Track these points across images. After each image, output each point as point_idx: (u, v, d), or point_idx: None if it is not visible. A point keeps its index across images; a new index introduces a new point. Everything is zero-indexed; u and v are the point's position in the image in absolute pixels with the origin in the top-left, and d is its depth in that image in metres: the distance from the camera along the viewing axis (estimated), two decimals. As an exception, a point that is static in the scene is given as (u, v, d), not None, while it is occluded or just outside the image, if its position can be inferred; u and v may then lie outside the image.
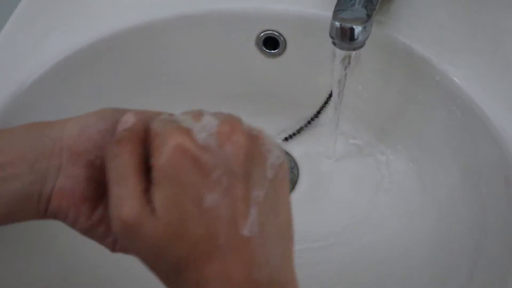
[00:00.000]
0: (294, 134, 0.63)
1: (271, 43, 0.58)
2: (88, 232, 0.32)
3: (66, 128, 0.31)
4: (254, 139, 0.29)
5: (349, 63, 0.48)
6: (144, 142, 0.29)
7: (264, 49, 0.59)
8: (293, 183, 0.61)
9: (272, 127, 0.64)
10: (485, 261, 0.45)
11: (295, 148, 0.63)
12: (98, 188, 0.32)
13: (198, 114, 0.29)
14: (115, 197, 0.27)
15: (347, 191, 0.59)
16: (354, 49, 0.46)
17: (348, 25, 0.44)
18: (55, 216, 0.32)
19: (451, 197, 0.52)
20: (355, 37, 0.44)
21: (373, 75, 0.56)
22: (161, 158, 0.27)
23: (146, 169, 0.28)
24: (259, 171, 0.28)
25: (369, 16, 0.45)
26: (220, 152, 0.27)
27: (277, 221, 0.29)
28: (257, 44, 0.59)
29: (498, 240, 0.45)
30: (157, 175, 0.27)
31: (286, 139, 0.63)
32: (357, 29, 0.44)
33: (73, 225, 0.32)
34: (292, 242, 0.30)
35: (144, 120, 0.30)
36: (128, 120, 0.30)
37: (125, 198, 0.27)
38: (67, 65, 0.53)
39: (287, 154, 0.63)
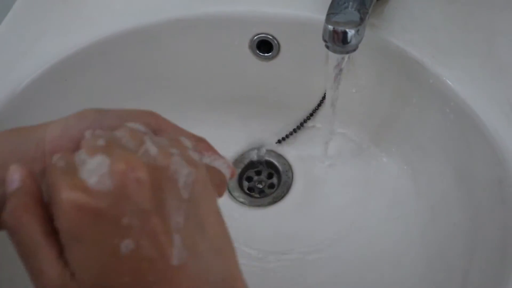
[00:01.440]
0: (287, 137, 0.63)
1: (265, 46, 0.58)
2: None
3: (47, 130, 0.30)
4: (156, 168, 0.27)
5: (342, 66, 0.48)
6: (41, 196, 0.27)
7: (258, 52, 0.59)
8: (288, 186, 0.61)
9: (266, 130, 0.64)
10: (479, 264, 0.45)
11: (289, 151, 0.63)
12: None
13: (92, 148, 0.27)
14: (32, 271, 0.26)
15: (341, 194, 0.59)
16: (347, 53, 0.46)
17: (341, 28, 0.44)
18: None
19: (445, 199, 0.52)
20: (348, 41, 0.44)
21: (366, 78, 0.56)
22: (61, 222, 0.25)
23: (53, 229, 0.26)
24: (171, 197, 0.27)
25: (362, 19, 0.45)
26: (121, 194, 0.25)
27: (208, 236, 0.28)
28: (250, 47, 0.59)
29: (492, 243, 0.45)
30: (64, 239, 0.25)
31: (279, 141, 0.63)
32: (350, 32, 0.44)
33: None
34: (233, 250, 0.29)
35: (32, 167, 0.28)
36: (13, 178, 0.27)
37: (42, 270, 0.25)
38: (60, 69, 0.53)
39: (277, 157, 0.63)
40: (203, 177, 0.29)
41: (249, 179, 0.63)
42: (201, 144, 0.33)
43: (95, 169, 0.25)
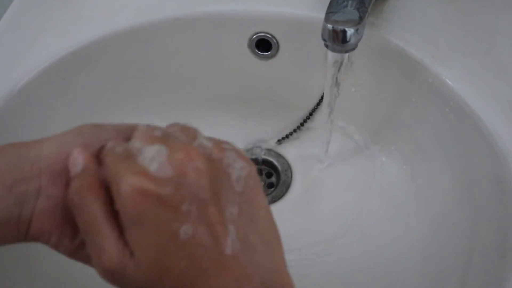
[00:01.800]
0: (287, 136, 0.63)
1: (264, 45, 0.58)
2: (73, 254, 0.31)
3: (44, 148, 0.30)
4: (212, 160, 0.28)
5: (341, 65, 0.48)
6: (103, 179, 0.28)
7: (257, 51, 0.59)
8: (287, 186, 0.61)
9: (265, 130, 0.64)
10: (479, 264, 0.45)
11: (289, 151, 0.63)
12: None
13: (149, 137, 0.29)
14: (93, 248, 0.27)
15: (341, 194, 0.59)
16: (346, 52, 0.46)
17: (340, 27, 0.44)
18: (37, 239, 0.31)
19: (444, 199, 0.52)
20: (347, 40, 0.44)
21: (366, 77, 0.56)
22: (123, 205, 0.26)
23: (114, 210, 0.27)
24: (226, 189, 0.28)
25: (361, 18, 0.45)
26: (181, 182, 0.26)
27: (258, 229, 0.29)
28: (249, 46, 0.58)
29: (491, 243, 0.45)
30: (125, 221, 0.27)
31: (278, 141, 0.63)
32: (349, 31, 0.44)
33: (56, 247, 0.31)
34: (281, 245, 0.30)
35: (94, 151, 0.29)
36: (77, 161, 0.29)
37: (102, 247, 0.27)
38: (58, 68, 0.53)
39: (283, 157, 0.63)
40: (255, 172, 0.30)
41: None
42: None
43: (155, 157, 0.27)
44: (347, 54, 0.47)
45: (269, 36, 0.57)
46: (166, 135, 0.29)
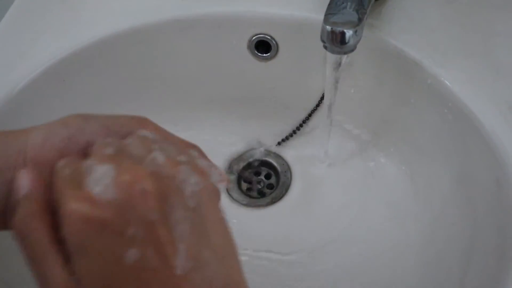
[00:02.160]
0: (287, 138, 0.63)
1: (263, 46, 0.58)
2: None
3: (29, 137, 0.30)
4: (163, 177, 0.27)
5: (340, 66, 0.48)
6: (50, 200, 0.27)
7: (256, 52, 0.59)
8: (286, 187, 0.61)
9: (264, 131, 0.64)
10: (477, 265, 0.45)
11: (288, 152, 0.63)
12: None
13: (100, 156, 0.28)
14: (38, 277, 0.26)
15: (340, 195, 0.59)
16: (345, 53, 0.46)
17: (339, 29, 0.44)
18: None
19: (443, 200, 0.52)
20: (346, 41, 0.44)
21: (365, 78, 0.56)
22: (67, 233, 0.25)
23: (60, 237, 0.26)
24: (178, 206, 0.27)
25: (360, 20, 0.45)
26: (126, 205, 0.25)
27: (212, 244, 0.28)
28: (249, 47, 0.59)
29: (489, 244, 0.45)
30: (70, 248, 0.26)
31: (279, 143, 0.63)
32: (348, 33, 0.44)
33: None
34: (237, 258, 0.29)
35: (42, 171, 0.28)
36: (23, 184, 0.28)
37: (47, 277, 0.26)
38: (59, 70, 0.53)
39: (282, 159, 0.63)
40: (210, 185, 0.29)
41: (248, 179, 0.63)
42: (193, 150, 0.33)
43: (100, 179, 0.26)
44: (346, 56, 0.47)
45: (269, 37, 0.57)
46: (119, 151, 0.28)
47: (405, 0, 0.54)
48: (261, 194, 0.61)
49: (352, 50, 0.46)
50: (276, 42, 0.57)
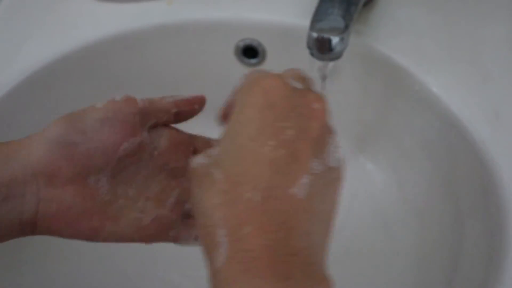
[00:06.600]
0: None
1: (250, 52, 0.58)
2: (89, 239, 0.32)
3: (31, 151, 0.30)
4: (329, 126, 0.31)
5: (327, 73, 0.48)
6: None
7: (244, 58, 0.59)
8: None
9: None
10: (465, 270, 0.45)
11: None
12: (86, 198, 0.31)
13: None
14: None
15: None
16: (331, 60, 0.46)
17: (325, 35, 0.44)
18: (48, 235, 0.31)
19: (430, 207, 0.52)
20: (332, 48, 0.44)
21: (352, 85, 0.56)
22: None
23: None
24: (322, 151, 0.29)
25: (347, 26, 0.45)
26: (303, 105, 0.29)
27: (323, 206, 0.29)
28: (236, 53, 0.58)
29: (477, 250, 0.45)
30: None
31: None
32: (334, 39, 0.44)
33: (71, 238, 0.31)
34: (330, 234, 0.30)
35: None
36: None
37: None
38: (43, 76, 0.53)
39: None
40: (343, 174, 0.31)
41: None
42: None
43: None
44: (332, 62, 0.47)
45: (256, 43, 0.57)
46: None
47: (392, 6, 0.54)
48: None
49: (338, 57, 0.46)
50: (263, 48, 0.57)
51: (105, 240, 0.32)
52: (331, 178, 0.30)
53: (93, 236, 0.32)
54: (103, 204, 0.32)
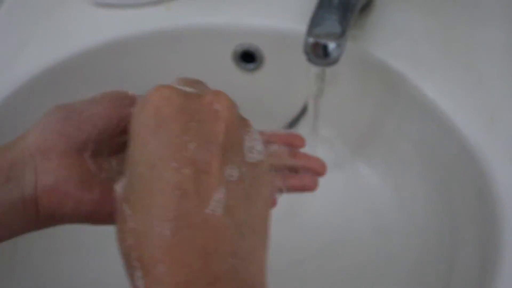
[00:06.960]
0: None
1: (248, 57, 0.58)
2: (93, 216, 0.31)
3: (28, 136, 0.31)
4: (242, 119, 0.29)
5: (324, 78, 0.48)
6: None
7: (241, 63, 0.59)
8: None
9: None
10: (459, 275, 0.45)
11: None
12: (84, 170, 0.31)
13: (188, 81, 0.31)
14: None
15: (323, 205, 0.59)
16: (328, 65, 0.46)
17: (321, 41, 0.44)
18: (52, 216, 0.31)
19: (426, 211, 0.52)
20: (329, 53, 0.44)
21: (348, 90, 0.56)
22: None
23: None
24: (237, 150, 0.27)
25: (343, 32, 0.45)
26: (202, 109, 0.27)
27: (250, 212, 0.27)
28: (234, 58, 0.59)
29: (472, 255, 0.45)
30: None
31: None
32: (331, 45, 0.44)
33: (74, 216, 0.31)
34: (266, 242, 0.28)
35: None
36: None
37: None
38: (43, 80, 0.53)
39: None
40: (267, 167, 0.29)
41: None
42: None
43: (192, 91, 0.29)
44: (329, 67, 0.47)
45: (254, 48, 0.57)
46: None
47: (389, 12, 0.54)
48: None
49: (335, 62, 0.46)
50: (261, 53, 0.58)
51: (110, 214, 0.30)
52: (255, 175, 0.28)
53: (95, 211, 0.31)
54: (102, 178, 0.32)
